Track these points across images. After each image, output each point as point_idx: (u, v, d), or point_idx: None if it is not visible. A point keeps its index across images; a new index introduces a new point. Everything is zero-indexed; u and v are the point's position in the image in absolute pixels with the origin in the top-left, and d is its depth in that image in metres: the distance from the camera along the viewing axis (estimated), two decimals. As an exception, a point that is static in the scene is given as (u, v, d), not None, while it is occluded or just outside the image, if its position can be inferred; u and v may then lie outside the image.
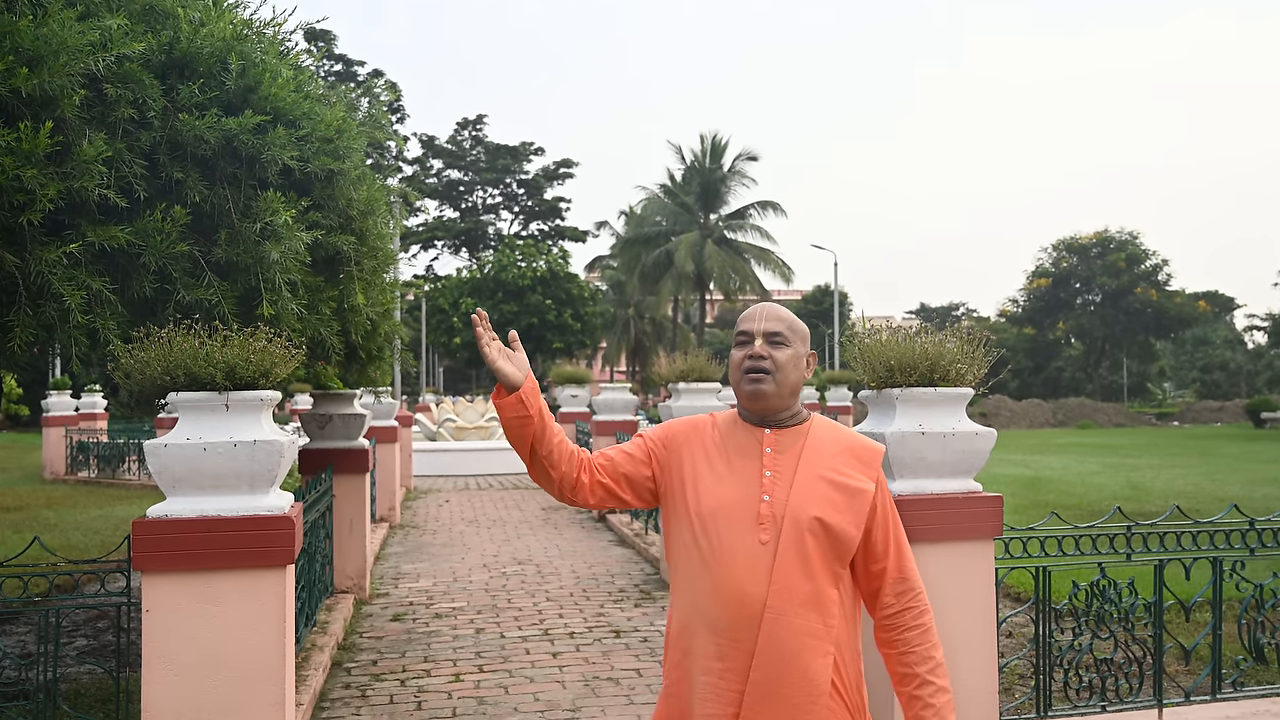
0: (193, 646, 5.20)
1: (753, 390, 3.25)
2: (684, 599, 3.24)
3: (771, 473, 3.24)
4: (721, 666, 3.12)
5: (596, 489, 3.37)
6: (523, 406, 3.20)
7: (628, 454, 3.42)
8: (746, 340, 3.31)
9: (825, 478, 3.24)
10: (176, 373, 5.31)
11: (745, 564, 3.13)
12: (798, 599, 3.12)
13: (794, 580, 3.12)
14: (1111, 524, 6.79)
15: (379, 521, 17.41)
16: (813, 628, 3.12)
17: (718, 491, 3.23)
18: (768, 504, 3.18)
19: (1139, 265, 77.88)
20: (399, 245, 17.54)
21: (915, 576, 3.34)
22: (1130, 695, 6.56)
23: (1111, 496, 19.21)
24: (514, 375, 3.21)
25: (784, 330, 3.31)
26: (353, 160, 7.26)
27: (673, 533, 3.32)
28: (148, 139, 6.06)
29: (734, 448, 3.31)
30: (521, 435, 3.24)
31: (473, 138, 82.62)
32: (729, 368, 3.37)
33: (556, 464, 3.31)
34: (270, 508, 5.31)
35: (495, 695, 7.96)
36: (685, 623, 3.22)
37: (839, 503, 3.21)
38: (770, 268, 63.75)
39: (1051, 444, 39.34)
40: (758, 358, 3.26)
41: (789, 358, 3.29)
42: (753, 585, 3.11)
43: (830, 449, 3.31)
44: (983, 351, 5.82)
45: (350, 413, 11.42)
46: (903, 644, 3.28)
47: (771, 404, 3.28)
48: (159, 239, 5.95)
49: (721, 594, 3.13)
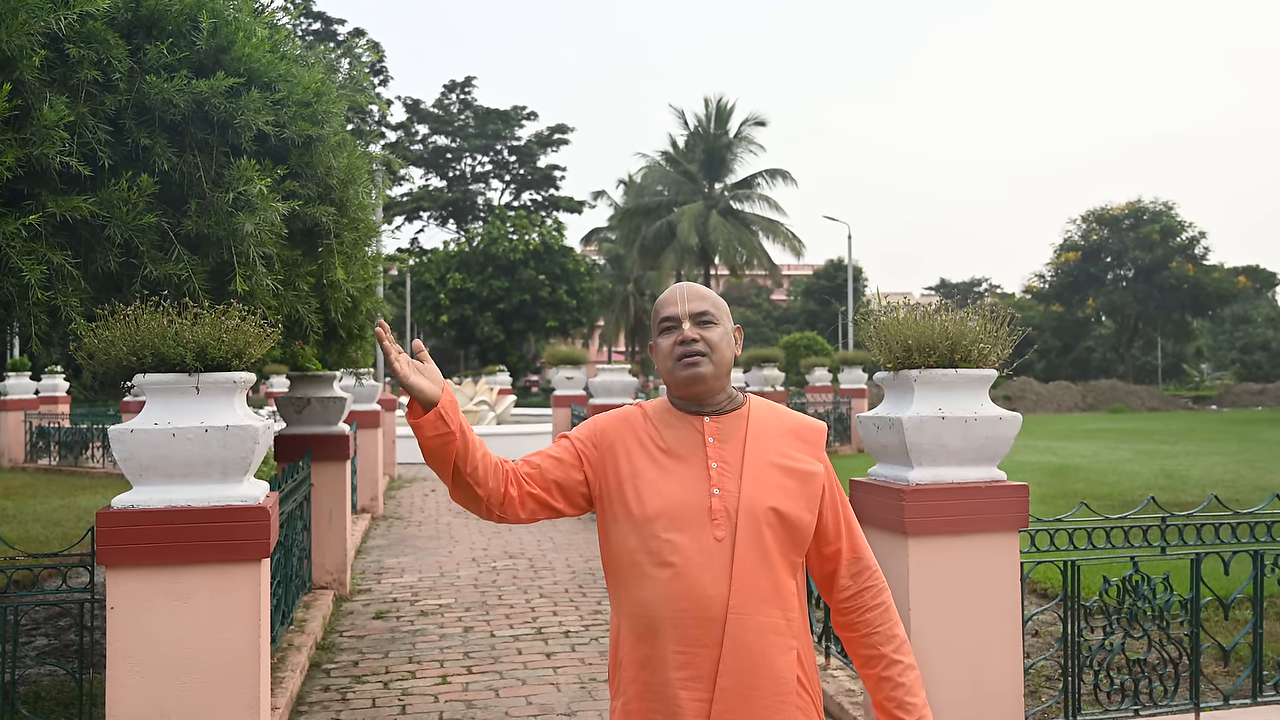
0: (160, 646, 5.21)
1: (690, 375, 3.22)
2: (632, 607, 3.21)
3: (718, 464, 3.23)
4: (685, 675, 3.11)
5: (527, 502, 3.28)
6: (443, 423, 3.08)
7: (555, 458, 3.35)
8: (673, 325, 3.28)
9: (775, 464, 3.25)
10: (143, 353, 5.30)
11: (702, 564, 3.12)
12: (760, 596, 3.13)
13: (754, 576, 3.13)
14: (1145, 515, 6.78)
15: (360, 512, 17.43)
16: (775, 624, 3.14)
17: (662, 489, 3.20)
18: (719, 498, 3.17)
19: (1174, 238, 77.73)
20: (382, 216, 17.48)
21: (869, 555, 3.38)
22: (1165, 699, 6.57)
23: (1145, 485, 19.24)
24: (430, 390, 3.09)
25: (710, 308, 3.29)
26: (332, 125, 7.24)
27: (613, 537, 3.27)
28: (113, 103, 6.04)
29: (673, 440, 3.29)
30: (444, 455, 3.13)
31: (460, 101, 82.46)
32: (656, 358, 3.34)
33: (483, 481, 3.20)
34: (244, 498, 5.31)
35: (485, 698, 7.97)
36: (639, 633, 3.19)
37: (792, 489, 3.22)
38: (779, 240, 63.70)
39: (1080, 429, 39.35)
40: (689, 341, 3.23)
41: (720, 335, 3.27)
42: (713, 586, 3.10)
43: (774, 432, 3.32)
44: (1007, 330, 5.82)
45: (329, 396, 11.41)
46: (865, 625, 3.31)
47: (710, 386, 3.26)
48: (125, 210, 5.94)
49: (679, 599, 3.12)
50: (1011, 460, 23.50)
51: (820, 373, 34.38)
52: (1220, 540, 6.73)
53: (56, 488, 20.78)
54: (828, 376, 34.42)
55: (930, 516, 5.52)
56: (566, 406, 21.57)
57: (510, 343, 66.14)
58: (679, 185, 66.78)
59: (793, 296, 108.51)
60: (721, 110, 65.77)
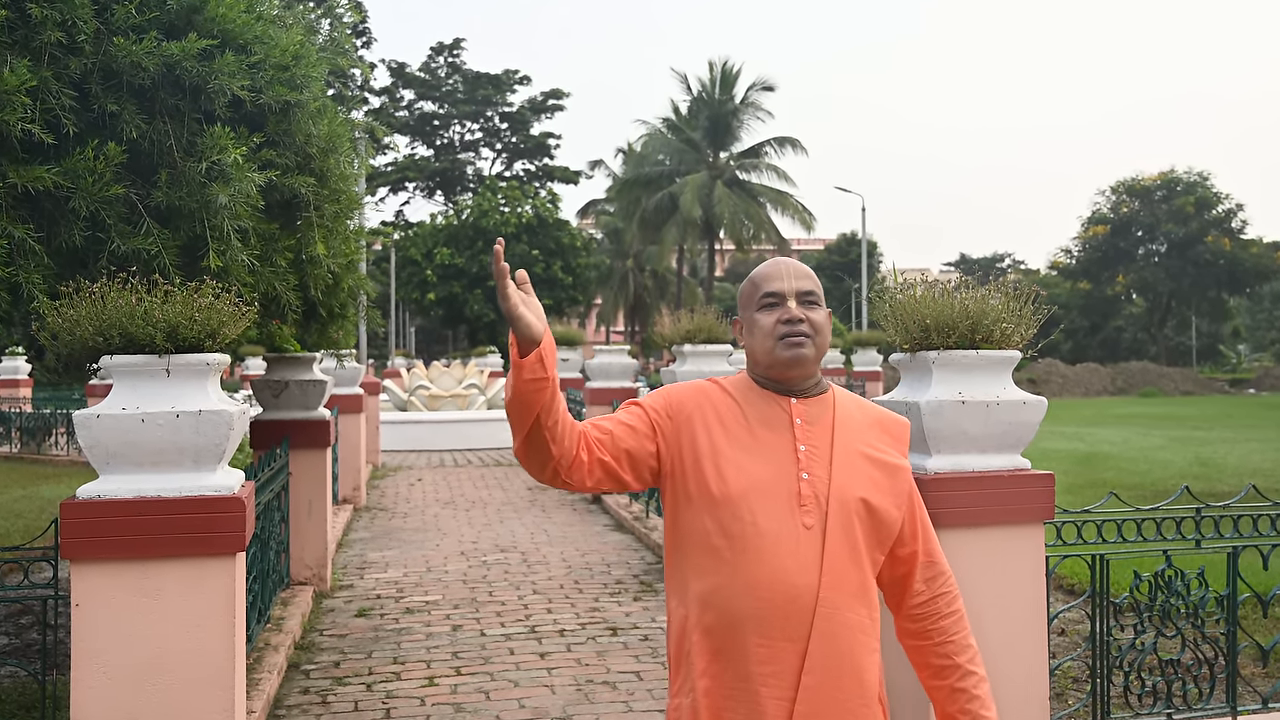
0: (129, 646, 5.20)
1: (794, 355, 3.21)
2: (706, 595, 3.17)
3: (806, 447, 3.21)
4: (767, 671, 3.09)
5: (595, 468, 3.19)
6: (541, 367, 2.94)
7: (628, 425, 3.26)
8: (777, 301, 3.26)
9: (863, 454, 3.25)
10: (110, 333, 5.30)
11: (791, 552, 3.10)
12: (849, 590, 3.12)
13: (844, 569, 3.13)
14: (1178, 506, 6.78)
15: (342, 503, 17.45)
16: (862, 622, 3.14)
17: (746, 469, 3.17)
18: (808, 483, 3.16)
19: (1210, 210, 77.64)
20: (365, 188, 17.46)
21: (943, 559, 3.38)
22: (1200, 701, 6.58)
23: (1178, 474, 19.24)
24: (536, 327, 2.92)
25: (815, 289, 3.29)
26: (312, 91, 7.22)
27: (684, 518, 3.23)
28: (78, 66, 6.03)
29: (756, 418, 3.26)
30: (531, 403, 2.98)
31: (449, 65, 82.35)
32: (754, 333, 3.30)
33: (560, 438, 3.08)
34: (217, 487, 5.31)
35: (475, 701, 7.98)
36: (712, 623, 3.15)
37: (880, 482, 3.23)
38: (788, 213, 63.60)
39: (1110, 414, 39.38)
40: (795, 320, 3.22)
41: (824, 319, 3.28)
42: (802, 576, 3.09)
43: (860, 421, 3.32)
44: (1031, 309, 5.81)
45: (309, 379, 11.41)
46: (939, 633, 3.31)
47: (809, 370, 3.27)
48: (90, 180, 5.93)
49: (764, 587, 3.09)
50: (1036, 447, 23.50)
51: (832, 354, 34.41)
52: (1259, 533, 6.72)
53: (17, 477, 20.78)
54: (840, 358, 34.49)
55: (949, 508, 5.51)
56: (562, 391, 21.56)
57: (502, 322, 65.98)
58: (681, 154, 66.63)
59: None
60: (727, 74, 65.62)
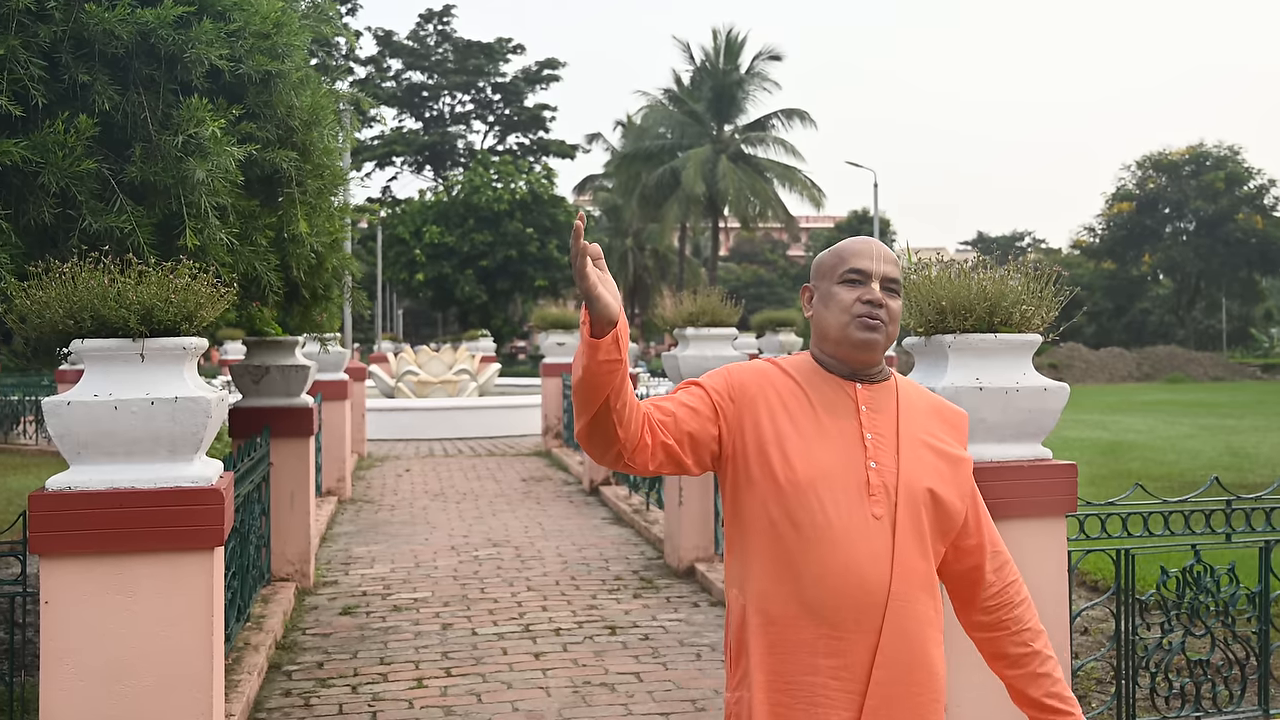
0: (101, 645, 5.21)
1: (867, 339, 3.24)
2: (770, 585, 3.20)
3: (873, 435, 3.25)
4: (835, 664, 3.13)
5: (658, 451, 3.21)
6: (616, 349, 2.96)
7: (690, 408, 3.28)
8: (861, 280, 3.27)
9: (927, 444, 3.31)
10: (82, 315, 5.30)
11: (862, 542, 3.14)
12: (918, 582, 3.18)
13: (914, 561, 3.18)
14: (1208, 498, 6.78)
15: (326, 495, 17.45)
16: (929, 614, 3.21)
17: (813, 455, 3.21)
18: (876, 471, 3.20)
19: (1241, 187, 77.59)
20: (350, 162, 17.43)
21: (1005, 548, 3.45)
22: (1230, 703, 6.59)
23: (1208, 465, 19.26)
24: (613, 306, 2.94)
25: (899, 277, 3.33)
26: (294, 60, 7.21)
27: (747, 506, 3.26)
28: (47, 34, 6.01)
29: (821, 403, 3.29)
30: (603, 384, 2.99)
31: (438, 33, 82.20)
32: (830, 306, 3.30)
33: (627, 421, 3.09)
34: (195, 478, 5.31)
35: (466, 704, 7.99)
36: (775, 614, 3.19)
37: (945, 473, 3.29)
38: (797, 189, 63.47)
39: (1135, 401, 39.40)
40: (877, 304, 3.24)
41: (899, 310, 3.32)
42: (873, 567, 3.13)
43: (922, 410, 3.38)
44: (1053, 290, 5.81)
45: (291, 364, 11.40)
46: (1015, 622, 3.38)
47: (878, 357, 3.31)
48: (61, 155, 5.92)
49: (834, 578, 3.12)
50: (1058, 436, 23.48)
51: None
52: (1293, 526, 6.74)
53: (-16, 467, 20.78)
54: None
55: (967, 500, 5.51)
56: (557, 376, 21.59)
57: (494, 304, 66.05)
58: (684, 127, 66.51)
59: (812, 252, 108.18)
60: (732, 43, 65.47)
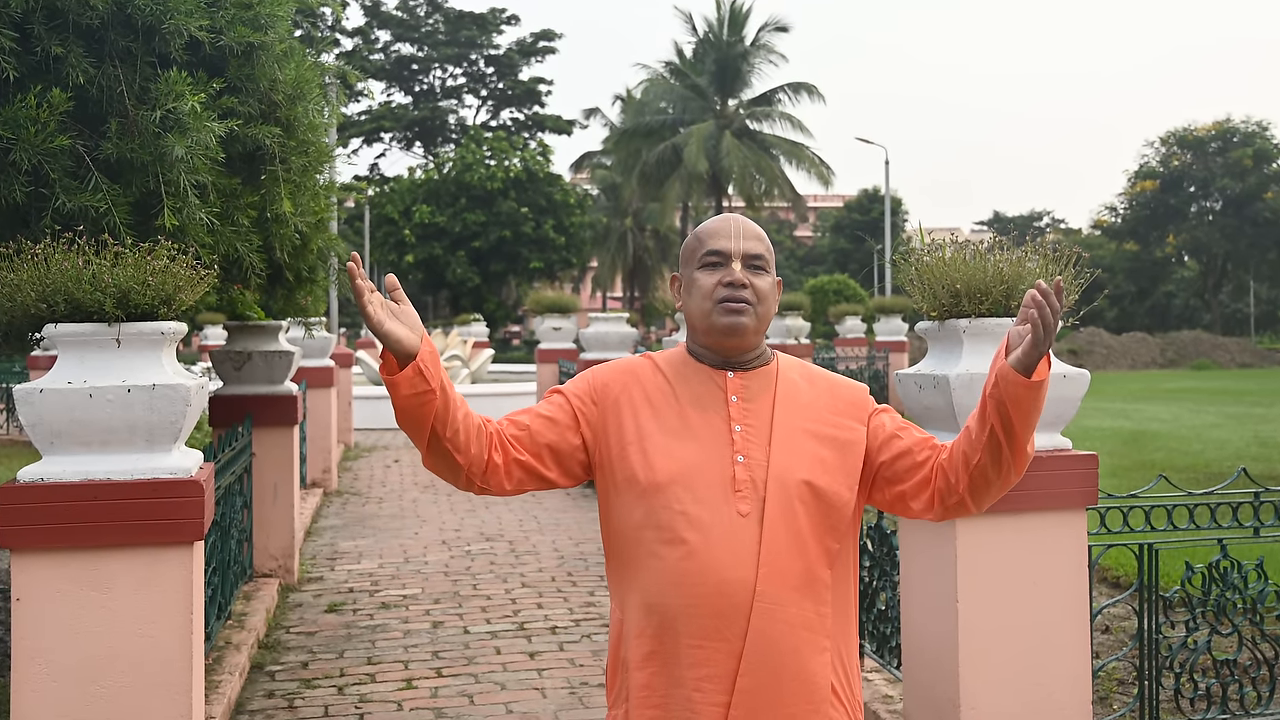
0: (75, 644, 5.21)
1: (731, 323, 3.21)
2: (638, 595, 3.19)
3: (742, 427, 3.22)
4: (700, 675, 3.10)
5: (514, 470, 3.23)
6: (422, 380, 2.98)
7: (546, 418, 3.30)
8: (720, 262, 3.25)
9: (809, 431, 3.25)
10: (55, 299, 5.30)
11: (724, 543, 3.10)
12: (790, 583, 3.12)
13: (785, 561, 3.12)
14: (1235, 490, 6.78)
15: (311, 487, 17.46)
16: (807, 618, 3.14)
17: (675, 453, 3.19)
18: (743, 466, 3.17)
19: (1270, 164, 77.50)
20: (336, 139, 17.42)
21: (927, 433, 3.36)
22: (1258, 705, 6.59)
23: (1235, 455, 19.27)
24: (409, 339, 2.97)
25: (765, 253, 3.29)
26: (277, 32, 7.19)
27: (615, 511, 3.26)
28: (18, 4, 6.00)
29: (688, 397, 3.28)
30: (421, 418, 3.03)
31: (428, 3, 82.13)
32: (691, 294, 3.29)
33: (464, 446, 3.13)
34: (173, 469, 5.31)
35: (457, 705, 8.00)
36: (645, 625, 3.17)
37: (829, 461, 3.23)
38: (804, 166, 63.45)
39: (1159, 389, 39.40)
40: (738, 285, 3.21)
41: (770, 287, 3.28)
42: (735, 569, 3.09)
43: (806, 394, 3.32)
44: (1072, 273, 5.81)
45: (274, 350, 11.39)
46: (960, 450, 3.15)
47: (748, 341, 3.28)
48: (33, 130, 5.91)
49: (695, 583, 3.10)
50: (1078, 425, 23.49)
51: (852, 322, 34.43)
52: (1324, 520, 6.73)
53: (-46, 458, 20.80)
54: (861, 327, 34.47)
55: (982, 492, 5.51)
56: (554, 362, 21.53)
57: (487, 287, 66.04)
58: (686, 102, 66.47)
59: (820, 233, 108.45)
60: (736, 13, 65.39)
